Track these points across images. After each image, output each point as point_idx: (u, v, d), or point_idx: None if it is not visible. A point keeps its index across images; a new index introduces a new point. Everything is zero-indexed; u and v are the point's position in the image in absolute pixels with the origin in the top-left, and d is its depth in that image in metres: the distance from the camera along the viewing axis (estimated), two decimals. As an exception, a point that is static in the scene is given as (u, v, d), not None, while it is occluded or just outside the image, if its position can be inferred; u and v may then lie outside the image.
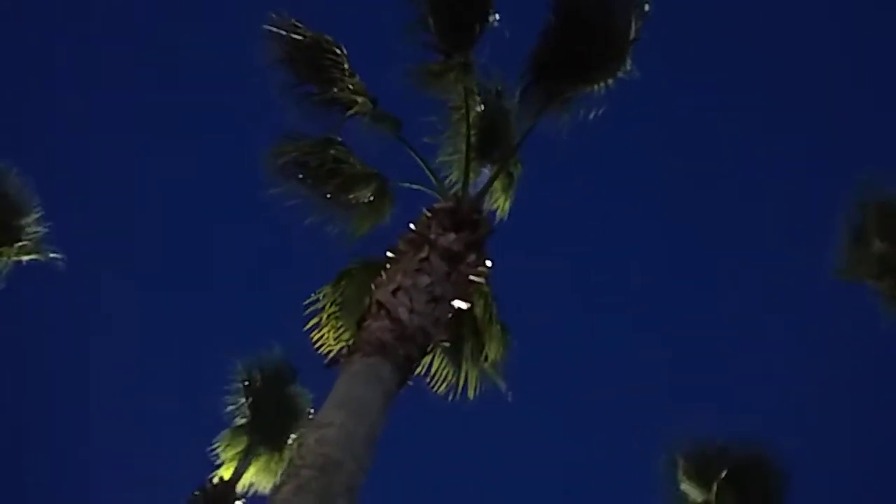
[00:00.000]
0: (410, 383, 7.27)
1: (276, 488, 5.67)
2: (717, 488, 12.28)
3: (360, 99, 9.60)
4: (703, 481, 12.50)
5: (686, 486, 12.58)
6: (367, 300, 7.79)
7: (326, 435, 5.90)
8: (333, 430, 5.91)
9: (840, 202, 10.42)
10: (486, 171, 10.16)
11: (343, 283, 9.91)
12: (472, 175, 9.75)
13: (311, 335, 9.81)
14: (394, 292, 7.48)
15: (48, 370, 22.22)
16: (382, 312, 7.25)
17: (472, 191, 9.59)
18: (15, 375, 20.75)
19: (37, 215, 13.48)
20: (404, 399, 7.36)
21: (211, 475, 14.77)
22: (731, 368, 23.47)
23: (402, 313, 7.24)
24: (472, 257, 8.32)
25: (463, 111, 9.96)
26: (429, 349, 7.59)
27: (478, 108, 10.27)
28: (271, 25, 9.39)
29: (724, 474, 12.32)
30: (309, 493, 5.41)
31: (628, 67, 9.31)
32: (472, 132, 9.91)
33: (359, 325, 7.45)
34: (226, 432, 15.19)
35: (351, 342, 7.38)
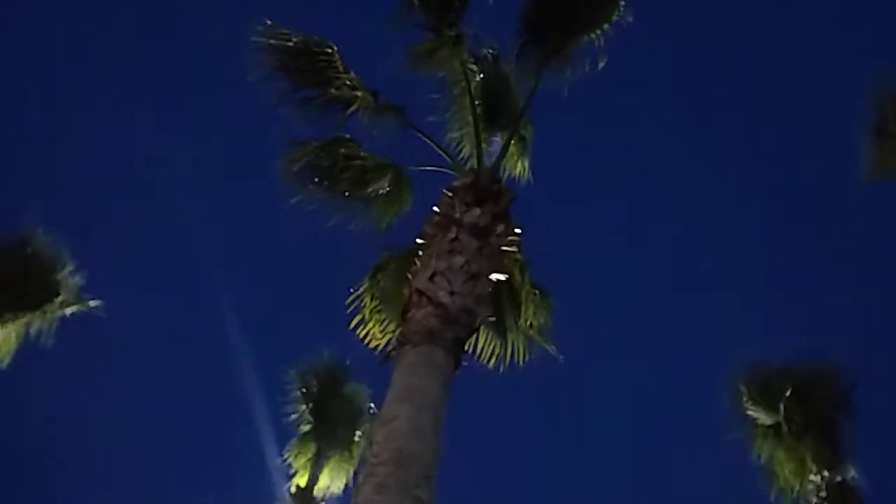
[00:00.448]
0: (465, 363, 7.31)
1: (357, 489, 5.77)
2: (784, 409, 12.29)
3: (359, 94, 9.58)
4: (769, 404, 12.51)
5: (753, 411, 12.60)
6: (406, 290, 7.83)
7: (395, 429, 5.98)
8: (400, 424, 5.99)
9: (859, 101, 10.25)
10: (498, 140, 10.12)
11: (378, 276, 9.98)
12: (484, 146, 9.71)
13: (357, 332, 9.94)
14: (431, 278, 7.50)
15: (114, 397, 22.66)
16: (424, 300, 7.28)
17: (488, 162, 9.57)
18: (81, 402, 21.22)
19: (71, 267, 13.75)
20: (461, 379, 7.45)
21: (287, 485, 15.07)
22: (779, 287, 23.31)
23: (444, 297, 7.27)
24: (500, 228, 8.31)
25: (463, 84, 9.90)
26: (476, 326, 7.61)
27: (477, 79, 10.21)
28: (259, 37, 9.37)
29: (788, 394, 12.33)
30: (389, 489, 5.50)
31: (621, 11, 9.19)
32: (477, 103, 9.84)
33: (403, 316, 7.49)
34: (294, 441, 15.47)
35: (399, 334, 7.42)
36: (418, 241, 8.46)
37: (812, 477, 11.68)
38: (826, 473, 11.59)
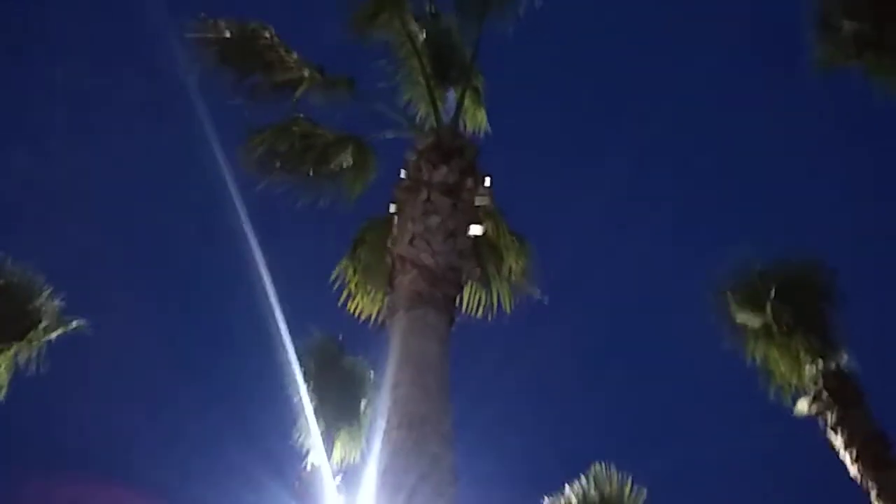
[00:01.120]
0: (458, 319, 7.42)
1: (375, 457, 5.90)
2: (771, 309, 12.57)
3: (305, 72, 9.52)
4: (755, 307, 12.77)
5: (741, 317, 12.88)
6: (387, 259, 7.90)
7: (401, 394, 6.11)
8: (405, 389, 6.12)
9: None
10: (452, 95, 10.11)
11: (358, 249, 10.04)
12: (439, 103, 9.73)
13: (347, 307, 10.02)
14: (410, 242, 7.58)
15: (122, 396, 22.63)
16: (408, 265, 7.37)
17: (446, 119, 9.59)
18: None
19: (47, 292, 13.62)
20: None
21: (303, 464, 15.26)
22: (750, 191, 23.58)
23: (426, 259, 7.35)
24: (469, 182, 8.38)
25: (409, 45, 9.86)
26: (464, 281, 7.72)
27: (422, 37, 10.14)
28: (194, 33, 9.23)
29: (773, 294, 12.59)
30: (406, 451, 5.65)
31: None
32: (424, 62, 9.82)
33: (390, 284, 7.58)
34: (301, 421, 15.63)
35: (388, 301, 7.51)
36: (391, 208, 8.50)
37: (807, 369, 12.01)
38: (820, 364, 11.93)
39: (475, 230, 8.29)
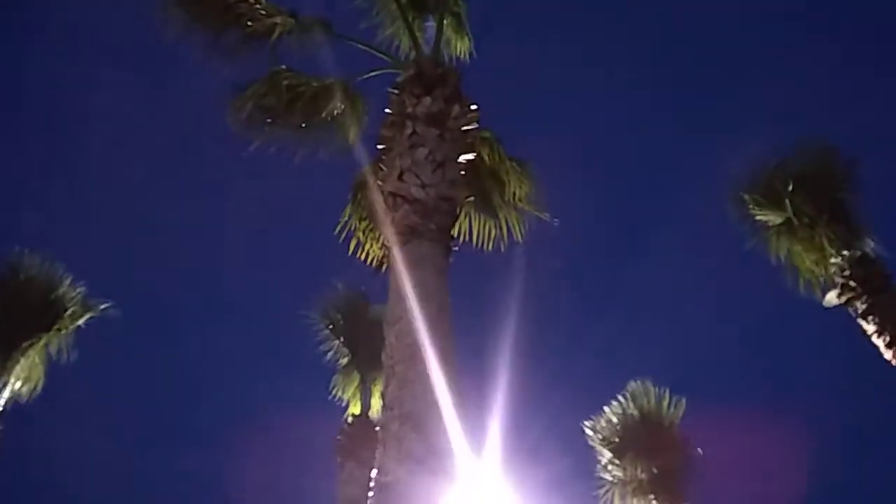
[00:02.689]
0: (456, 248, 7.31)
1: (383, 392, 5.88)
2: (791, 203, 12.26)
3: (278, 19, 9.28)
4: (774, 203, 12.47)
5: (762, 214, 12.59)
6: (380, 197, 7.78)
7: (402, 328, 6.07)
8: (405, 321, 6.07)
9: None
10: (432, 24, 9.81)
11: (359, 195, 9.93)
12: (419, 35, 9.46)
13: (357, 255, 9.95)
14: (399, 177, 7.44)
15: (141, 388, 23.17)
16: (398, 200, 7.25)
17: (427, 48, 9.32)
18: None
19: (68, 280, 13.80)
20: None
21: (344, 417, 15.48)
22: (760, 84, 22.87)
23: (417, 192, 7.23)
24: (455, 110, 8.16)
25: (380, -23, 9.59)
26: (457, 211, 7.58)
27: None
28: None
29: (791, 188, 12.27)
30: (411, 381, 5.63)
31: None
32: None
33: (385, 222, 7.47)
34: (336, 376, 15.82)
35: (384, 240, 7.42)
36: (379, 146, 8.34)
37: (833, 260, 11.74)
38: (845, 252, 11.65)
39: (466, 157, 8.07)
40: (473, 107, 8.37)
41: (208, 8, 9.16)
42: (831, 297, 11.54)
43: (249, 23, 9.20)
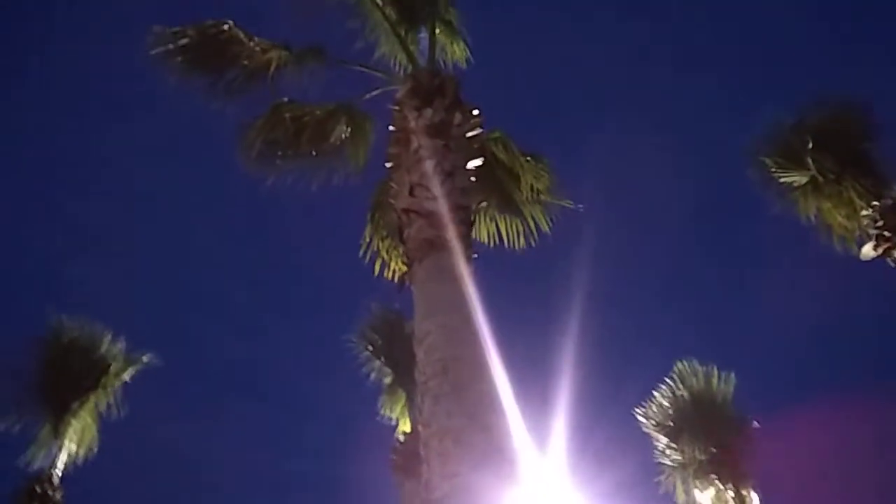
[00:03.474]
0: (476, 255, 7.26)
1: (420, 409, 5.86)
2: (813, 161, 12.04)
3: (273, 54, 9.37)
4: (797, 163, 12.26)
5: (786, 175, 12.37)
6: (394, 215, 7.78)
7: (431, 344, 6.03)
8: (433, 337, 6.04)
9: None
10: (424, 35, 9.82)
11: (377, 215, 9.96)
12: (413, 48, 9.48)
13: (385, 274, 9.98)
14: (410, 193, 7.42)
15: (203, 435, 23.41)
16: (412, 215, 7.23)
17: (423, 60, 9.33)
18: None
19: (108, 336, 14.06)
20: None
21: (395, 435, 15.49)
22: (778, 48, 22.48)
23: (429, 205, 7.19)
24: (457, 118, 8.13)
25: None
26: (473, 218, 7.54)
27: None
28: (155, 45, 9.16)
29: (811, 146, 12.05)
30: (445, 396, 5.60)
31: None
32: (387, 10, 9.56)
33: (401, 240, 7.47)
34: (383, 395, 15.86)
35: (403, 257, 7.41)
36: (388, 165, 8.35)
37: (864, 213, 11.49)
38: (876, 203, 11.39)
39: (475, 163, 8.03)
40: (475, 112, 8.34)
41: (204, 53, 9.27)
42: (867, 250, 11.28)
43: (246, 62, 9.28)
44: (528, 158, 10.13)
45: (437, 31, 9.63)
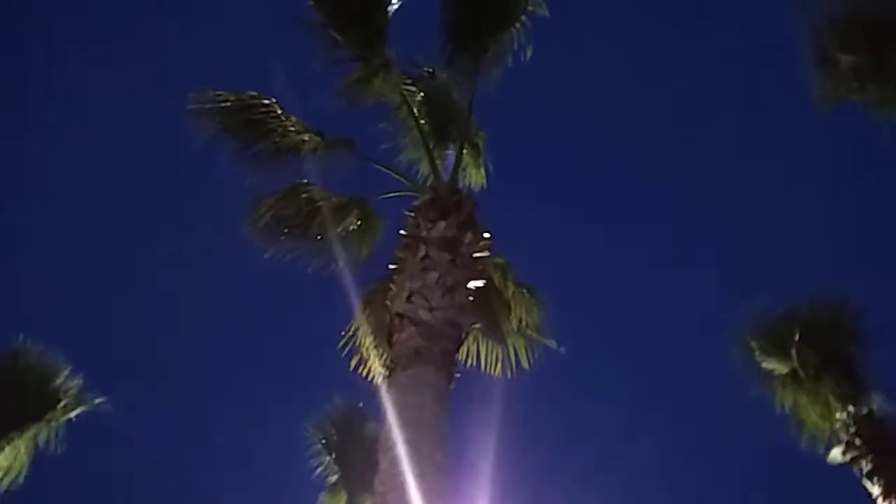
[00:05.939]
0: (458, 376, 7.26)
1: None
2: (797, 354, 12.18)
3: (305, 136, 9.63)
4: (781, 353, 12.39)
5: (767, 363, 12.48)
6: (387, 317, 7.81)
7: (396, 455, 5.94)
8: (400, 448, 5.94)
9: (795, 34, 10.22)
10: (452, 152, 10.14)
11: (367, 310, 9.97)
12: (439, 161, 9.75)
13: (359, 371, 9.90)
14: (408, 298, 7.49)
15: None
16: (405, 321, 7.27)
17: (446, 175, 9.59)
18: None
19: (67, 372, 13.68)
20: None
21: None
22: (771, 230, 23.22)
23: (424, 315, 7.25)
24: (468, 237, 8.31)
25: (405, 106, 9.98)
26: (463, 337, 7.58)
27: (417, 97, 10.25)
28: (195, 104, 9.42)
29: (797, 338, 12.22)
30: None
31: (535, 3, 9.37)
32: (422, 121, 9.90)
33: (389, 342, 7.47)
34: (323, 494, 15.34)
35: (387, 360, 7.40)
36: (391, 266, 8.44)
37: (838, 415, 11.54)
38: (851, 408, 11.46)
39: (475, 283, 8.14)
40: (486, 235, 8.53)
41: (240, 120, 9.52)
42: (836, 454, 11.27)
43: (278, 138, 9.53)
44: (524, 290, 10.27)
45: (465, 151, 9.94)
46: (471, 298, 8.03)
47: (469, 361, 10.42)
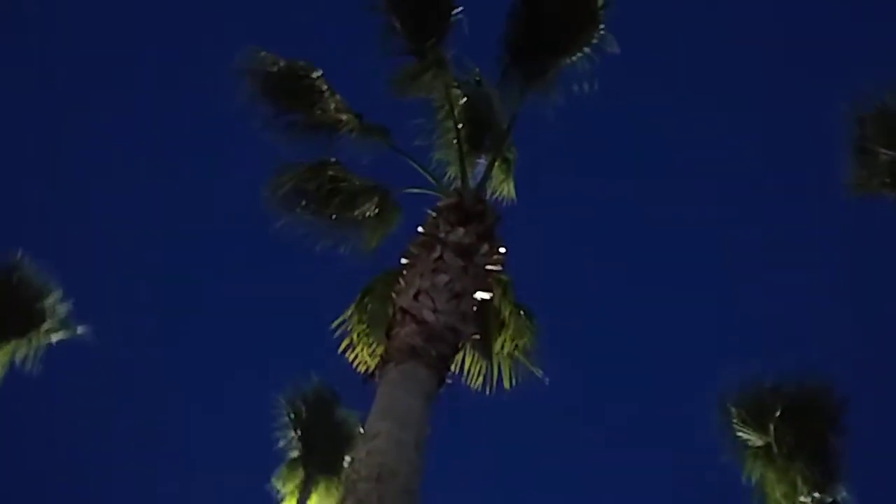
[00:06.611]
0: (449, 381, 7.30)
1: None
2: (775, 429, 12.20)
3: (344, 117, 9.67)
4: (759, 425, 12.41)
5: (744, 432, 12.51)
6: (390, 310, 7.84)
7: (376, 446, 5.97)
8: (382, 440, 5.98)
9: (839, 117, 10.29)
10: (483, 161, 10.18)
11: (366, 299, 9.97)
12: (468, 168, 9.77)
13: (346, 356, 9.90)
14: (415, 296, 7.53)
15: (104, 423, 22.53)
16: (408, 318, 7.30)
17: (473, 183, 9.62)
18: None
19: (58, 295, 13.71)
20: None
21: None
22: (768, 304, 23.35)
23: (427, 315, 7.28)
24: (484, 248, 8.35)
25: (447, 107, 10.01)
26: (460, 345, 7.62)
27: (461, 102, 10.29)
28: (243, 62, 9.46)
29: (778, 414, 12.25)
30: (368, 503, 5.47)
31: (602, 34, 9.35)
32: (460, 125, 9.93)
33: (387, 334, 7.50)
34: (282, 467, 15.39)
35: (383, 352, 7.43)
36: (403, 260, 8.47)
37: (803, 499, 11.56)
38: (817, 495, 11.48)
39: (482, 295, 8.18)
40: (502, 250, 8.56)
41: (283, 87, 9.56)
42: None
43: (318, 111, 9.56)
44: (521, 312, 10.26)
45: (497, 163, 9.98)
46: (474, 308, 8.06)
47: (453, 369, 10.42)
